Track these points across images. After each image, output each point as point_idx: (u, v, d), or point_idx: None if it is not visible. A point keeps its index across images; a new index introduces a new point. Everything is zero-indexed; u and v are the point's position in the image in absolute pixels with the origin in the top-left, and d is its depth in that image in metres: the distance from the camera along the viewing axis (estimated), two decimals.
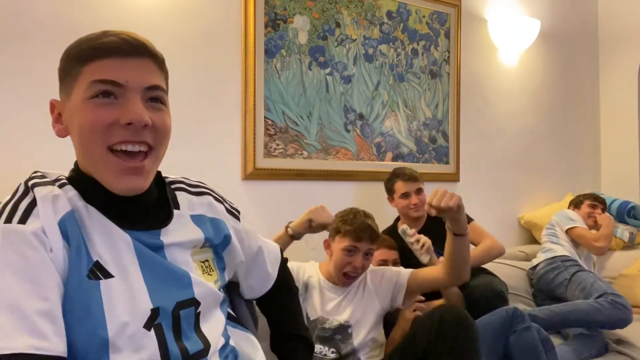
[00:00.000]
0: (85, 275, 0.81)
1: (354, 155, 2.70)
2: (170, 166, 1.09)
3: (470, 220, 2.39)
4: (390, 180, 2.47)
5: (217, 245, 1.03)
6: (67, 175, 0.93)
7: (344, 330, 1.78)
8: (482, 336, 1.81)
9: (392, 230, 2.44)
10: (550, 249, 2.86)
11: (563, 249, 2.83)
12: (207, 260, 1.00)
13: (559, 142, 3.68)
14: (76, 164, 0.92)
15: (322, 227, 1.82)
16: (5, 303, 0.73)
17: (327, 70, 2.61)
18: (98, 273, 0.82)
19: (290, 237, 1.83)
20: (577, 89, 3.80)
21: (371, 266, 1.92)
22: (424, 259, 1.98)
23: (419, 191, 2.41)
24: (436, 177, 2.99)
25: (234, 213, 1.11)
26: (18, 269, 0.76)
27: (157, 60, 0.88)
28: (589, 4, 3.88)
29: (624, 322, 2.34)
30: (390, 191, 2.48)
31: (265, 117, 2.42)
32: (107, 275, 0.83)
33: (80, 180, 0.89)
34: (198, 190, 1.05)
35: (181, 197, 1.01)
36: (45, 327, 0.74)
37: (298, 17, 2.52)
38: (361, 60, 2.73)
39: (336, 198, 2.64)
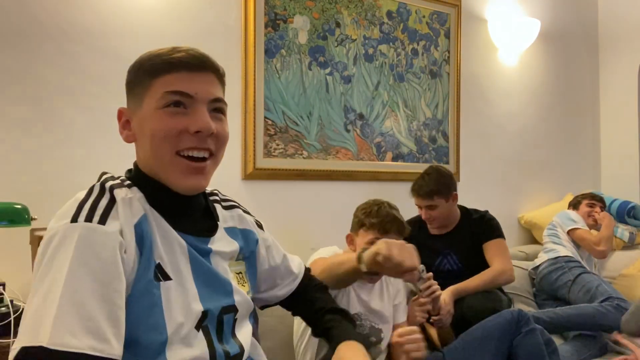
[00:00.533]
0: (152, 276, 0.87)
1: (354, 155, 2.70)
2: None
3: (498, 236, 2.34)
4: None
5: (248, 257, 1.11)
6: (126, 177, 0.98)
7: (377, 333, 1.75)
8: (486, 338, 1.80)
9: (417, 218, 2.44)
10: (552, 249, 2.86)
11: (565, 249, 2.83)
12: (240, 272, 1.07)
13: (559, 142, 3.68)
14: (136, 166, 0.98)
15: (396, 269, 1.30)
16: (75, 301, 0.76)
17: (327, 70, 2.61)
18: (159, 275, 0.89)
19: (360, 272, 1.38)
20: (577, 89, 3.80)
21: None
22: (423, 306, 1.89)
23: (431, 208, 2.32)
24: None
25: (259, 224, 1.20)
26: (92, 269, 0.79)
27: (219, 75, 0.98)
28: (589, 4, 3.88)
29: None
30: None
31: (265, 117, 2.42)
32: (166, 277, 0.89)
33: (143, 182, 0.95)
34: (229, 204, 1.14)
35: (218, 210, 1.09)
36: (108, 329, 0.77)
37: (298, 17, 2.52)
38: (361, 60, 2.73)
39: (336, 198, 2.64)
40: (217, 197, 1.12)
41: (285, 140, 2.48)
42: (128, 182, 0.95)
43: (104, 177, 0.95)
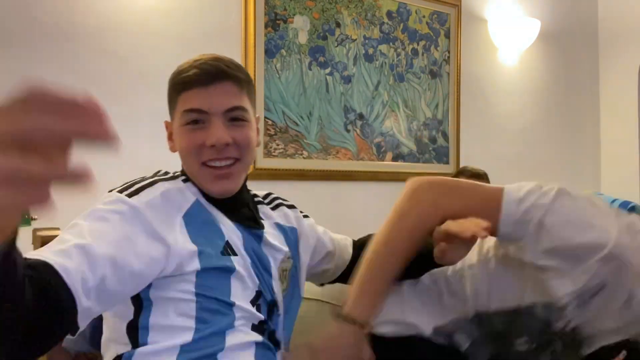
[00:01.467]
0: (220, 251, 0.96)
1: (354, 155, 2.70)
2: (171, 166, 1.10)
3: None
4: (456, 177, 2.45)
5: (294, 256, 1.15)
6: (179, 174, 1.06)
7: None
8: None
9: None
10: None
11: None
12: (285, 270, 1.12)
13: (559, 142, 3.68)
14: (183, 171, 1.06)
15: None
16: (78, 233, 0.84)
17: (327, 70, 2.61)
18: (229, 250, 0.98)
19: None
20: (577, 89, 3.80)
21: None
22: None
23: None
24: None
25: (305, 215, 1.27)
26: (115, 224, 0.87)
27: (238, 81, 1.01)
28: (589, 3, 3.88)
29: None
30: None
31: (265, 117, 2.42)
32: (234, 253, 0.98)
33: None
34: (274, 204, 1.20)
35: (262, 209, 1.15)
36: (77, 256, 0.78)
37: (298, 17, 2.52)
38: (361, 60, 2.73)
39: (336, 198, 2.64)
40: (259, 198, 1.17)
41: (285, 140, 2.48)
42: (184, 177, 1.03)
43: (157, 175, 1.02)
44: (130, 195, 0.91)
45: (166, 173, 1.03)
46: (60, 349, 1.14)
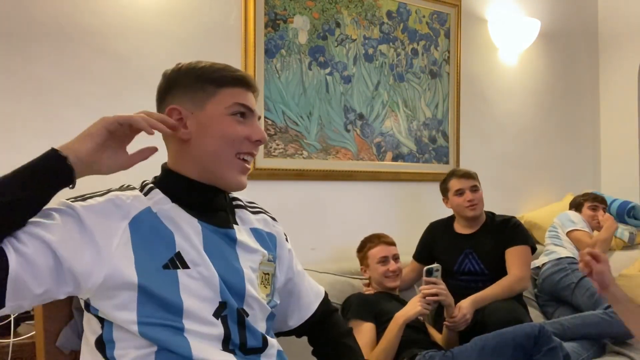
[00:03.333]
0: (162, 265, 0.96)
1: (354, 155, 2.70)
2: None
3: (523, 242, 2.33)
4: (444, 181, 2.46)
5: (274, 259, 1.16)
6: (152, 181, 1.08)
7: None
8: (502, 347, 1.71)
9: (444, 220, 2.50)
10: (553, 252, 2.85)
11: (567, 250, 2.82)
12: (268, 274, 1.13)
13: (559, 142, 3.68)
14: (165, 169, 1.09)
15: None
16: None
17: (327, 70, 2.61)
18: (177, 262, 0.97)
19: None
20: (577, 89, 3.80)
21: None
22: (423, 307, 1.89)
23: (475, 189, 2.37)
24: (436, 177, 2.98)
25: (284, 234, 1.27)
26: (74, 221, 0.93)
27: (257, 95, 1.13)
28: (589, 4, 3.88)
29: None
30: (445, 191, 2.45)
31: (265, 117, 2.42)
32: (185, 266, 0.98)
33: (171, 181, 1.06)
34: (256, 209, 1.22)
35: (240, 213, 1.16)
36: (31, 243, 0.87)
37: (298, 17, 2.52)
38: (361, 60, 2.73)
39: (336, 198, 2.64)
40: (240, 202, 1.19)
41: (285, 140, 2.48)
42: (149, 185, 1.05)
43: (121, 188, 1.06)
44: (74, 201, 0.96)
45: (127, 187, 1.06)
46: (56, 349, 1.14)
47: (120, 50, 2.11)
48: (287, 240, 1.27)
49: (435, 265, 1.97)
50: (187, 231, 1.00)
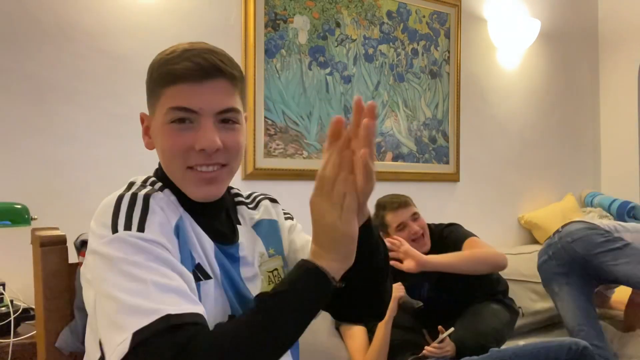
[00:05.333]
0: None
1: None
2: None
3: (466, 237, 2.11)
4: (377, 216, 2.13)
5: (280, 251, 1.07)
6: (155, 180, 0.97)
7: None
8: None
9: None
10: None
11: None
12: (276, 269, 1.04)
13: (559, 142, 3.68)
14: (162, 169, 0.97)
15: None
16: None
17: (327, 70, 2.61)
18: (199, 274, 0.89)
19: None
20: (577, 89, 3.80)
21: None
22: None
23: (415, 216, 2.11)
24: (436, 177, 2.99)
25: (288, 215, 1.14)
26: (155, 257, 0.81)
27: (232, 79, 0.91)
28: (589, 4, 3.88)
29: None
30: (383, 227, 2.12)
31: (265, 117, 2.42)
32: (207, 276, 0.90)
33: (169, 185, 0.95)
34: (255, 202, 1.10)
35: (242, 211, 1.06)
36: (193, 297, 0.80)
37: (298, 17, 2.52)
38: (361, 60, 2.73)
39: None
40: (242, 199, 1.08)
41: (285, 140, 2.48)
42: (159, 184, 0.95)
43: (134, 187, 0.93)
44: (140, 231, 0.83)
45: (143, 185, 0.94)
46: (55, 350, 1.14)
47: (120, 50, 2.11)
48: (286, 218, 1.13)
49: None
50: (201, 241, 0.93)
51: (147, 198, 0.88)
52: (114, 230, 0.82)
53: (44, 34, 1.98)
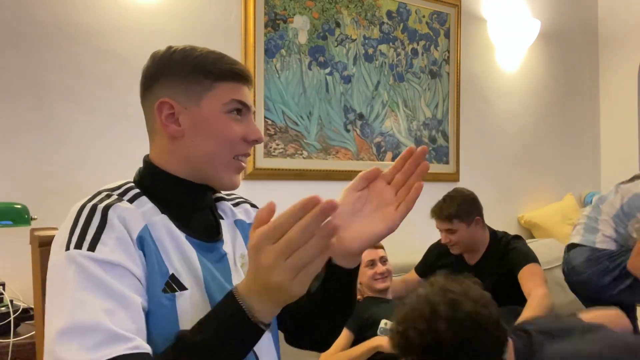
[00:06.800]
0: (161, 289, 0.87)
1: (354, 155, 2.70)
2: None
3: (529, 261, 2.15)
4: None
5: None
6: (133, 181, 0.97)
7: None
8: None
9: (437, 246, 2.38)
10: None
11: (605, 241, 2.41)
12: None
13: (559, 142, 3.68)
14: (150, 164, 0.98)
15: None
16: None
17: (327, 70, 2.61)
18: (174, 286, 0.88)
19: None
20: (577, 89, 3.80)
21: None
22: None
23: (450, 231, 2.21)
24: (436, 177, 2.99)
25: None
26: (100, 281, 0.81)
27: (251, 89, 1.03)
28: (589, 4, 3.88)
29: None
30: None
31: (265, 117, 2.42)
32: (182, 287, 0.89)
33: (157, 179, 0.97)
34: (236, 201, 1.13)
35: (222, 206, 1.08)
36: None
37: (298, 17, 2.52)
38: (361, 60, 2.73)
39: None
40: (219, 194, 1.10)
41: (285, 140, 2.48)
42: (133, 190, 0.93)
43: (98, 197, 0.90)
44: (91, 249, 0.82)
45: (109, 194, 0.91)
46: None
47: (120, 50, 2.11)
48: None
49: (386, 324, 1.87)
50: (181, 248, 0.92)
51: (105, 211, 0.86)
52: (67, 246, 0.83)
53: (44, 34, 1.98)
